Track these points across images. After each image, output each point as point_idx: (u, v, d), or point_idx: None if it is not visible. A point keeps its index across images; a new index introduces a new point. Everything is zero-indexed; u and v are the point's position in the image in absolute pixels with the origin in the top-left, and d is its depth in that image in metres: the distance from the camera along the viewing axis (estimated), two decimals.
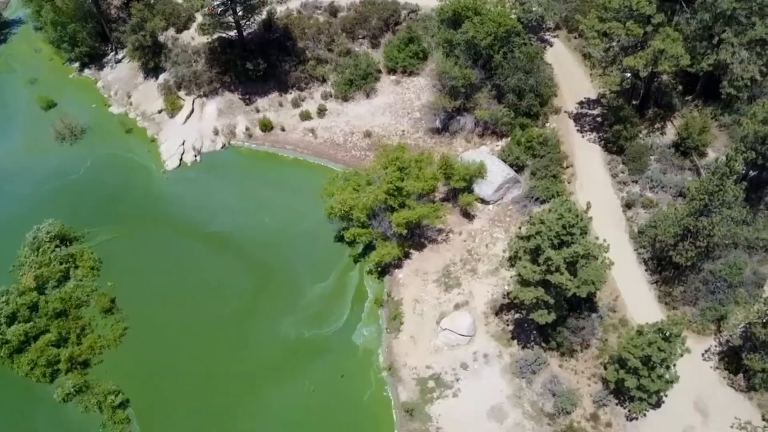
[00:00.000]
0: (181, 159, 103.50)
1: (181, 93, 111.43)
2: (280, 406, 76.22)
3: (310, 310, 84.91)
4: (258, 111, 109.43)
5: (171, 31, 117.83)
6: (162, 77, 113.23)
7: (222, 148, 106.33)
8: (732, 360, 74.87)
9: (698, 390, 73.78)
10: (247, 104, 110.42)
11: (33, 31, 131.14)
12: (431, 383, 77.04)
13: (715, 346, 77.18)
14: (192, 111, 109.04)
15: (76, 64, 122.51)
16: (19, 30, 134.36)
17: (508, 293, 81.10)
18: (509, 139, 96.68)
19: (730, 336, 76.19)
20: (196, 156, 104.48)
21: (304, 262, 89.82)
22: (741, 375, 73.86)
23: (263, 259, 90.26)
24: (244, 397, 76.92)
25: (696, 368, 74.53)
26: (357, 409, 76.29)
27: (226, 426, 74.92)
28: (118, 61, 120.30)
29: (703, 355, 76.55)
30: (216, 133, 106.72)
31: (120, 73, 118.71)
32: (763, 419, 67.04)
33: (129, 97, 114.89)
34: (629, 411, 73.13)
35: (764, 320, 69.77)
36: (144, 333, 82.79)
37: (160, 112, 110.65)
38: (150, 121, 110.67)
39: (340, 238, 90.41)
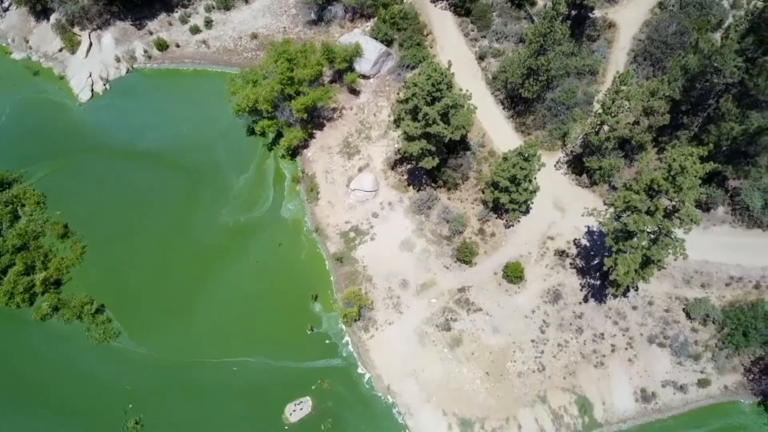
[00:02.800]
0: (92, 90, 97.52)
1: (76, 29, 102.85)
2: (232, 279, 78.94)
3: (241, 198, 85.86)
4: (151, 33, 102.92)
5: None
6: (53, 17, 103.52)
7: (127, 73, 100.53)
8: (576, 165, 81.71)
9: (555, 193, 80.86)
10: (139, 29, 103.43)
11: None
12: (352, 234, 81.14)
13: (563, 157, 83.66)
14: (90, 44, 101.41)
15: None
16: None
17: (398, 150, 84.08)
18: (376, 18, 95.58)
19: (573, 147, 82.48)
20: (105, 85, 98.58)
21: (226, 159, 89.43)
22: (584, 175, 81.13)
23: (190, 164, 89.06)
24: (200, 279, 78.92)
25: (551, 177, 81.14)
26: (297, 267, 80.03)
27: (190, 303, 77.25)
28: (6, 9, 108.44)
29: (555, 166, 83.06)
30: (118, 60, 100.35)
31: (11, 21, 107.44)
32: (604, 204, 74.64)
33: (27, 41, 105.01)
34: (506, 221, 79.85)
35: (596, 129, 75.78)
36: (101, 246, 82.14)
37: (60, 50, 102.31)
38: (53, 60, 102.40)
39: (251, 132, 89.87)
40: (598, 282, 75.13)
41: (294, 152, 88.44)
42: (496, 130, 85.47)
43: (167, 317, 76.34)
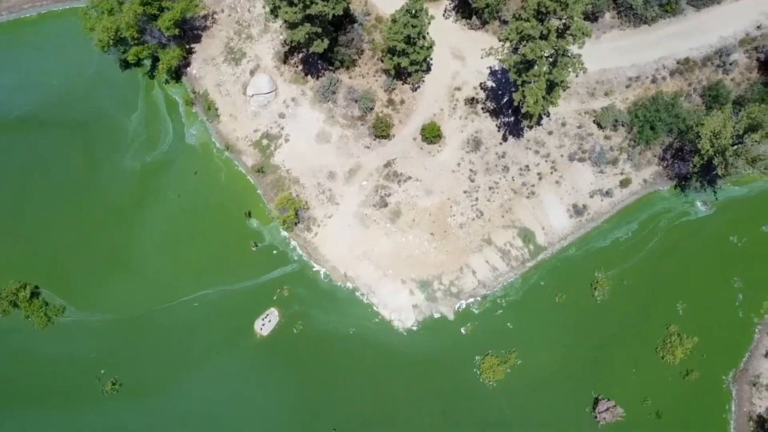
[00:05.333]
0: None
1: None
2: (159, 221, 75.36)
3: (140, 138, 79.72)
4: None
5: None
6: None
7: None
8: (464, 9, 78.77)
9: (450, 43, 78.54)
10: None
11: None
12: (264, 141, 77.55)
13: (449, 5, 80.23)
14: None
15: None
16: None
17: (284, 41, 78.63)
18: None
19: None
20: None
21: (110, 102, 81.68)
22: (474, 17, 78.58)
23: (73, 118, 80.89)
24: (126, 230, 74.95)
25: (442, 27, 78.25)
26: (221, 190, 76.72)
27: (125, 257, 73.86)
28: None
29: (443, 15, 79.86)
30: None
31: None
32: (499, 40, 72.72)
33: None
34: (412, 84, 77.73)
35: None
36: (12, 226, 75.67)
37: None
38: None
39: (126, 65, 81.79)
40: (512, 119, 75.61)
41: (177, 74, 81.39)
42: None
43: (108, 277, 73.03)
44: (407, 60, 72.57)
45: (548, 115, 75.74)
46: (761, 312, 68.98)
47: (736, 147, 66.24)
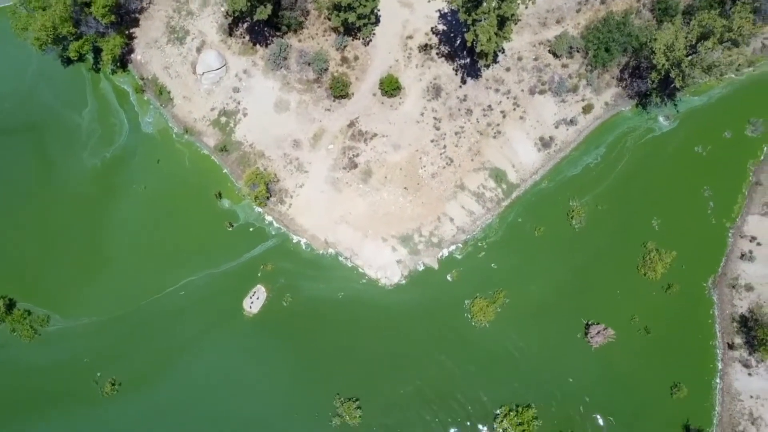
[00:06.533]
0: None
1: None
2: (129, 214, 73.23)
3: (95, 134, 76.55)
4: None
5: None
6: None
7: None
8: None
9: None
10: None
11: None
12: (223, 119, 75.12)
13: None
14: None
15: None
16: None
17: (226, 12, 75.34)
18: None
19: None
20: None
21: (58, 101, 77.88)
22: None
23: (20, 123, 76.92)
24: (97, 229, 72.73)
25: None
26: (187, 175, 74.49)
27: (100, 256, 71.91)
28: None
29: None
30: None
31: None
32: None
33: None
34: (363, 39, 75.35)
35: None
36: None
37: None
38: None
39: (68, 61, 77.72)
40: (468, 60, 74.03)
41: (123, 62, 77.77)
42: None
43: (87, 280, 71.27)
44: (354, 14, 70.15)
45: (503, 52, 74.30)
46: (732, 216, 70.24)
47: (690, 57, 65.88)
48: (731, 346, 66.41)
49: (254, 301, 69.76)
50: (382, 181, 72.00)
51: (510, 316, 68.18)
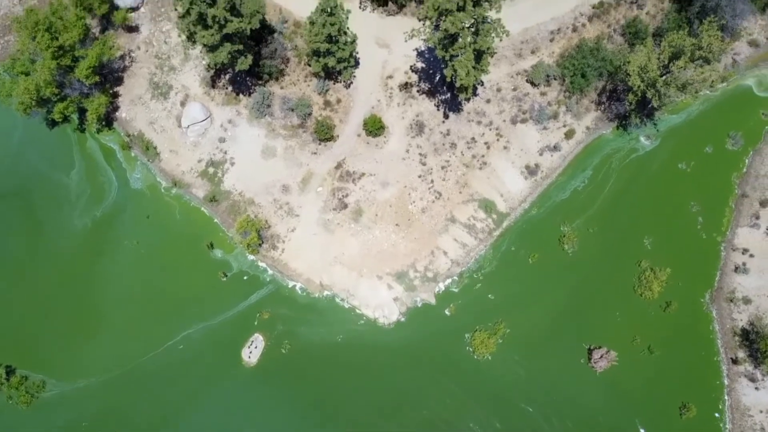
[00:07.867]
0: None
1: None
2: (122, 272, 72.06)
3: (84, 194, 75.72)
4: None
5: None
6: None
7: None
8: None
9: (373, 33, 76.89)
10: None
11: None
12: (210, 169, 74.83)
13: None
14: None
15: None
16: None
17: (207, 65, 75.72)
18: None
19: None
20: None
21: (45, 164, 77.22)
22: (390, 3, 76.94)
23: (9, 189, 76.00)
24: (89, 289, 71.37)
25: (361, 19, 76.17)
26: (178, 228, 73.69)
27: (95, 316, 70.44)
28: None
29: (359, 7, 77.71)
30: None
31: None
32: (419, 20, 70.62)
33: None
34: (344, 82, 75.92)
35: None
36: None
37: None
38: None
39: (53, 123, 77.53)
40: (449, 95, 74.58)
41: (108, 121, 77.54)
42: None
43: (82, 342, 69.72)
44: (334, 59, 70.80)
45: (482, 84, 74.94)
46: (722, 230, 70.10)
47: (664, 77, 66.63)
48: (735, 361, 65.41)
49: (253, 351, 68.30)
50: (373, 219, 71.55)
51: (512, 347, 67.08)
